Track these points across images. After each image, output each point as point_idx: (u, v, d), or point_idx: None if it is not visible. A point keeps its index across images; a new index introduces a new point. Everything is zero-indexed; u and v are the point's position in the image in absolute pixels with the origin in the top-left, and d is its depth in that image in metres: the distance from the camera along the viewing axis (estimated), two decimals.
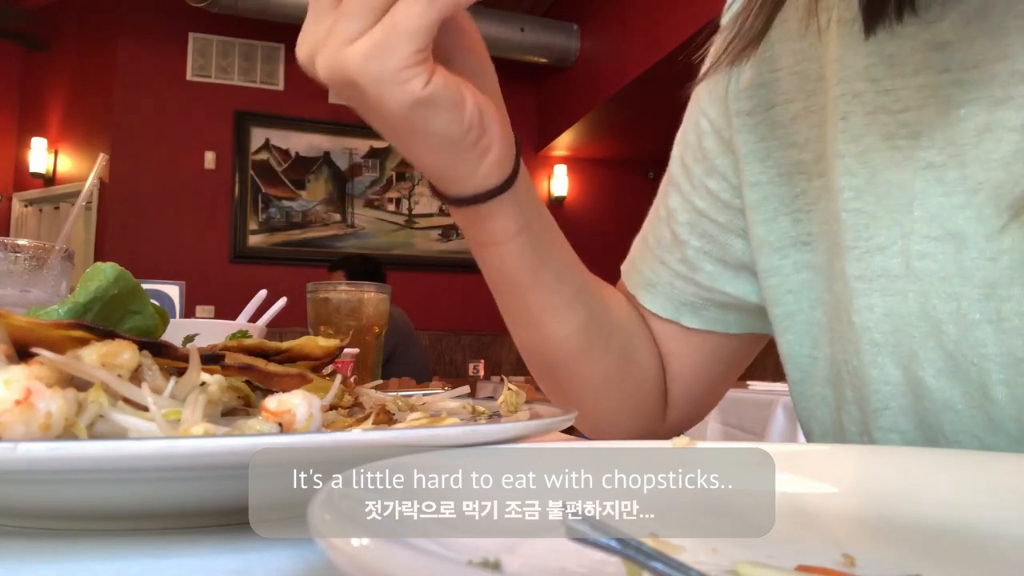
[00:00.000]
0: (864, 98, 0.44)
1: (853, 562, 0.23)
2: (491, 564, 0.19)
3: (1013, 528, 0.26)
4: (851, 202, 0.44)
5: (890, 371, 0.43)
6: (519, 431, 0.35)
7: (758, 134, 0.53)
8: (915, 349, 0.41)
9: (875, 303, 0.43)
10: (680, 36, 4.09)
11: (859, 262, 0.44)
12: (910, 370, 0.42)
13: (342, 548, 0.16)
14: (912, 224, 0.41)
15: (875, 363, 0.43)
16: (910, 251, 0.41)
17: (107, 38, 5.25)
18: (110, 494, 0.29)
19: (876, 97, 0.43)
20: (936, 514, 0.28)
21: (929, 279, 0.40)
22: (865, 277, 0.43)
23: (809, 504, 0.29)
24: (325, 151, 5.57)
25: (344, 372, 0.79)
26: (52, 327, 0.32)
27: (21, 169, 5.54)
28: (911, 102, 0.42)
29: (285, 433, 0.32)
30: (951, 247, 0.39)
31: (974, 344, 0.39)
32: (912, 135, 0.42)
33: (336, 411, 0.43)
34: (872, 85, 0.44)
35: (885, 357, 0.43)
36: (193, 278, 4.60)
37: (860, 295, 0.44)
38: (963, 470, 0.30)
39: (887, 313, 0.42)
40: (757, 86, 0.53)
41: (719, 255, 0.58)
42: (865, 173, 0.43)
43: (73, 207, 0.72)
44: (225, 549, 0.30)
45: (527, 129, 6.03)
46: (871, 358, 0.43)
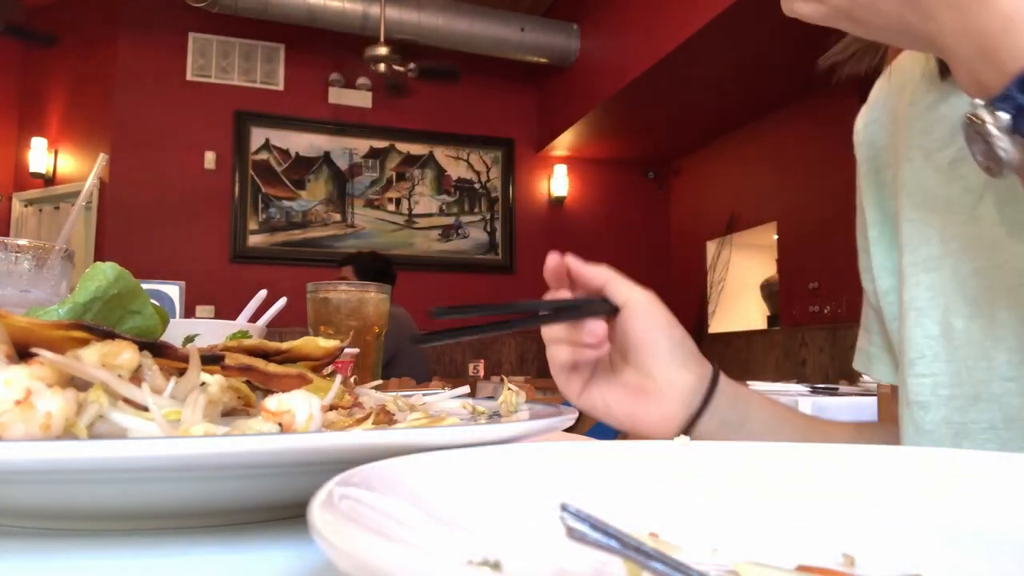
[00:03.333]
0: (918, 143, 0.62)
1: (853, 562, 0.23)
2: (491, 564, 0.19)
3: (1013, 528, 0.26)
4: (911, 213, 0.61)
5: (929, 327, 0.58)
6: (519, 431, 0.35)
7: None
8: (948, 304, 0.57)
9: (920, 279, 0.59)
10: (680, 36, 4.09)
11: (912, 254, 0.60)
12: (944, 322, 0.57)
13: (342, 548, 0.16)
14: (949, 217, 0.58)
15: (918, 323, 0.59)
16: (945, 236, 0.58)
17: (107, 38, 5.25)
18: (110, 494, 0.29)
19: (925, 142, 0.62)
20: (936, 514, 0.28)
21: (958, 252, 0.57)
22: (914, 263, 0.60)
23: (809, 504, 0.29)
24: (325, 151, 5.58)
25: (344, 372, 0.79)
26: (52, 327, 0.32)
27: (21, 169, 5.55)
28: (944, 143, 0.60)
29: (285, 433, 0.31)
30: (972, 226, 0.56)
31: (987, 287, 0.55)
32: (950, 162, 0.59)
33: (336, 411, 0.43)
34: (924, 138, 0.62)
35: (925, 317, 0.59)
36: (193, 278, 4.59)
37: (909, 276, 0.60)
38: (963, 470, 0.30)
39: (928, 285, 0.59)
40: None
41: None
42: (919, 193, 0.61)
43: (73, 207, 0.72)
44: (225, 549, 0.30)
45: (527, 129, 6.04)
46: (915, 320, 0.59)
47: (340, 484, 0.22)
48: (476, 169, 5.97)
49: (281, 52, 5.50)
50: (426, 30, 5.11)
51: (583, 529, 0.18)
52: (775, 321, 5.32)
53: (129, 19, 5.22)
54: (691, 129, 5.45)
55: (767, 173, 5.19)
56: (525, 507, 0.27)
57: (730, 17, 3.77)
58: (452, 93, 5.73)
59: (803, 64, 0.68)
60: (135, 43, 5.23)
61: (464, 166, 5.95)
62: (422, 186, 5.81)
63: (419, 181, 5.81)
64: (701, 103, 4.98)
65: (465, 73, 5.25)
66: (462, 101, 5.87)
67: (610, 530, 0.18)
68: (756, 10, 3.59)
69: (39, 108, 5.59)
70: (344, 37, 5.10)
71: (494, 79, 5.89)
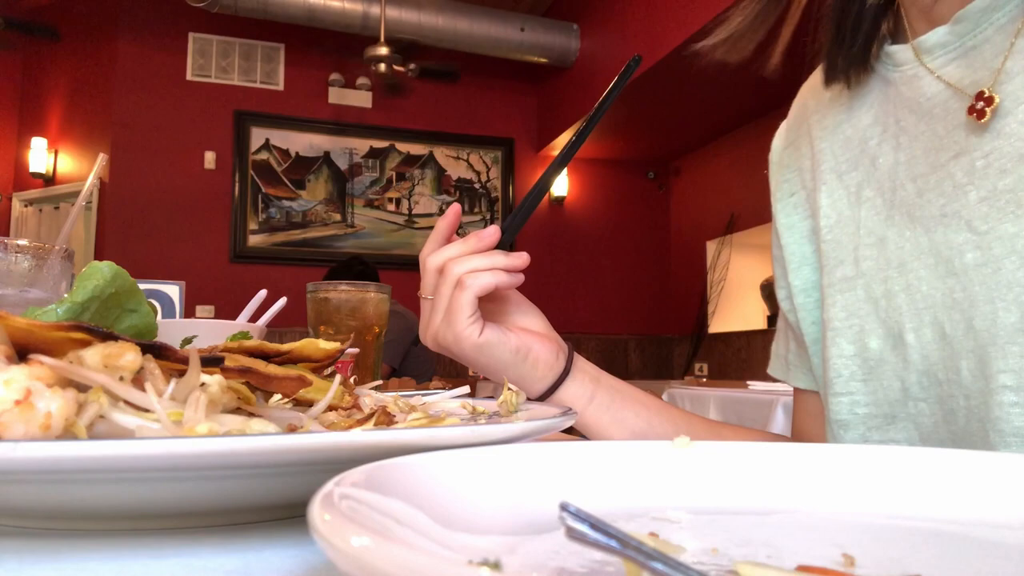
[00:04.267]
0: (830, 162, 0.65)
1: (853, 562, 0.23)
2: (491, 564, 0.19)
3: (1013, 528, 0.26)
4: (827, 235, 0.63)
5: (845, 347, 0.60)
6: (519, 431, 0.35)
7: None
8: (862, 325, 0.59)
9: (836, 300, 0.61)
10: (680, 36, 4.09)
11: (828, 275, 0.62)
12: (858, 342, 0.59)
13: (342, 548, 0.16)
14: (860, 239, 0.60)
15: (834, 343, 0.61)
16: (858, 257, 0.60)
17: (107, 38, 5.25)
18: (110, 494, 0.29)
19: (837, 163, 0.65)
20: (936, 514, 0.28)
21: (870, 272, 0.59)
22: (830, 284, 0.62)
23: (809, 504, 0.29)
24: (325, 151, 5.58)
25: (343, 372, 0.79)
26: (52, 328, 0.32)
27: (21, 169, 5.55)
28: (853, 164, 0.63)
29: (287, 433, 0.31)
30: (879, 248, 0.59)
31: (895, 308, 0.57)
32: (857, 184, 0.62)
33: (336, 412, 0.43)
34: (837, 152, 0.65)
35: (840, 337, 0.60)
36: (193, 278, 4.60)
37: (827, 297, 0.62)
38: (963, 470, 0.30)
39: (843, 305, 0.60)
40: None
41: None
42: (833, 215, 0.63)
43: (73, 207, 0.72)
44: (225, 549, 0.30)
45: (527, 129, 6.04)
46: (831, 340, 0.61)
47: (340, 484, 0.22)
48: (476, 169, 5.97)
49: (281, 52, 5.50)
50: (426, 30, 5.11)
51: (583, 529, 0.18)
52: (775, 321, 5.31)
53: (129, 19, 5.22)
54: (691, 129, 5.45)
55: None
56: (525, 507, 0.27)
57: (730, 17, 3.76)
58: (452, 93, 5.73)
59: (803, 64, 0.69)
60: (135, 43, 5.23)
61: (464, 166, 5.95)
62: (422, 186, 5.81)
63: (419, 181, 5.81)
64: (701, 103, 4.97)
65: (465, 73, 5.25)
66: (462, 101, 5.87)
67: (610, 530, 0.18)
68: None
69: (39, 108, 5.59)
70: (344, 37, 5.10)
71: (494, 79, 5.89)
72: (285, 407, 0.40)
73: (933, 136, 0.56)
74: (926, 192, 0.55)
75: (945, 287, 0.53)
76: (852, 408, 0.59)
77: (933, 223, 0.55)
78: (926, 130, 0.57)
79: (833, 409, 0.61)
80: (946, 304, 0.53)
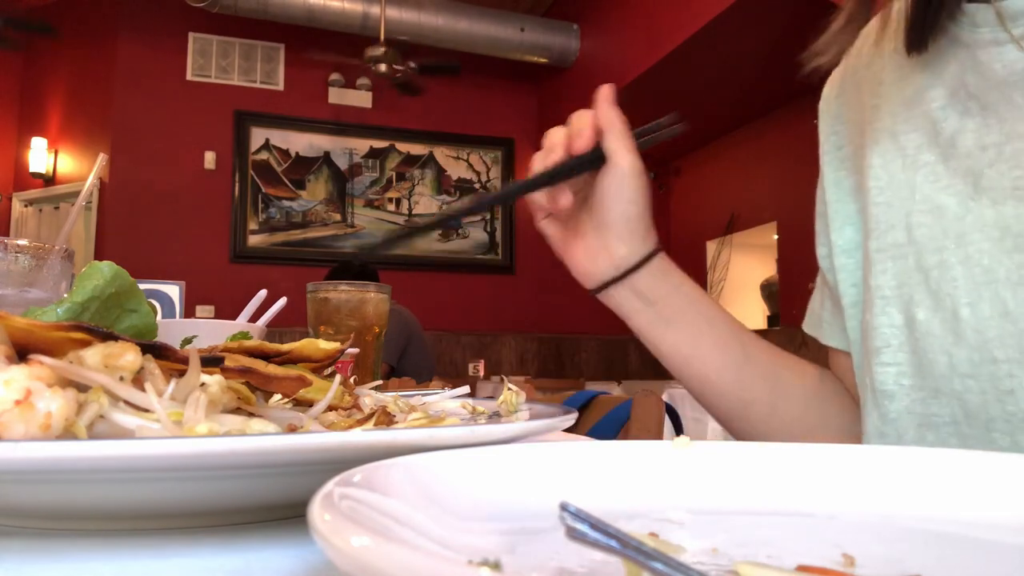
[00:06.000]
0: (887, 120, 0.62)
1: (853, 562, 0.23)
2: (491, 564, 0.19)
3: (1013, 528, 0.26)
4: (877, 197, 0.60)
5: (894, 316, 0.58)
6: (519, 431, 0.35)
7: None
8: (912, 294, 0.57)
9: (887, 267, 0.59)
10: (680, 36, 4.09)
11: (877, 239, 0.60)
12: (906, 312, 0.57)
13: (342, 548, 0.16)
14: (914, 204, 0.57)
15: (884, 312, 0.59)
16: (910, 224, 0.57)
17: (107, 38, 5.26)
18: (110, 494, 0.29)
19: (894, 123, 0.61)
20: (936, 514, 0.28)
21: (922, 241, 0.56)
22: (880, 248, 0.59)
23: (809, 504, 0.29)
24: (325, 151, 5.58)
25: (343, 372, 0.79)
26: (52, 329, 0.32)
27: (21, 169, 5.55)
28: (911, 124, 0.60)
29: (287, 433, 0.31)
30: (935, 216, 0.56)
31: (949, 281, 0.54)
32: (915, 148, 0.59)
33: (336, 412, 0.43)
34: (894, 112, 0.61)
35: (890, 306, 0.58)
36: (193, 278, 4.59)
37: (876, 263, 0.60)
38: (963, 470, 0.30)
39: (894, 273, 0.58)
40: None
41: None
42: (885, 176, 0.60)
43: (73, 207, 0.72)
44: (225, 549, 0.30)
45: (527, 129, 6.04)
46: (881, 309, 0.59)
47: (340, 484, 0.22)
48: (476, 169, 5.97)
49: (281, 52, 5.50)
50: (426, 30, 5.11)
51: (583, 529, 0.18)
52: (775, 321, 5.32)
53: (129, 19, 5.22)
54: (691, 129, 5.43)
55: (767, 173, 5.19)
56: (525, 507, 0.27)
57: (730, 17, 3.77)
58: (452, 93, 5.73)
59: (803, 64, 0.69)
60: (135, 43, 5.23)
61: (464, 166, 5.95)
62: (422, 186, 5.82)
63: (419, 181, 5.81)
64: (701, 103, 4.98)
65: (465, 73, 5.25)
66: (462, 101, 5.87)
67: (610, 530, 0.18)
68: (756, 10, 3.59)
69: (39, 108, 5.59)
70: (344, 37, 5.10)
71: (494, 79, 5.89)
72: (285, 407, 0.40)
73: (1010, 106, 0.53)
74: (997, 163, 0.53)
75: (1012, 262, 0.51)
76: (898, 379, 0.58)
77: (1002, 195, 0.52)
78: (1001, 99, 0.54)
79: (878, 379, 0.59)
80: (1011, 280, 0.51)
